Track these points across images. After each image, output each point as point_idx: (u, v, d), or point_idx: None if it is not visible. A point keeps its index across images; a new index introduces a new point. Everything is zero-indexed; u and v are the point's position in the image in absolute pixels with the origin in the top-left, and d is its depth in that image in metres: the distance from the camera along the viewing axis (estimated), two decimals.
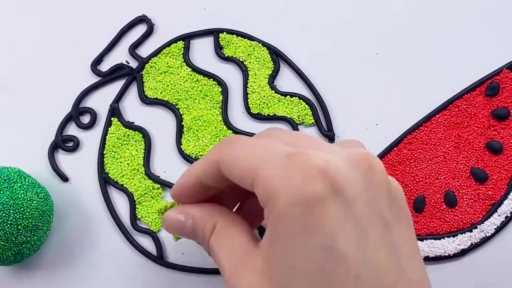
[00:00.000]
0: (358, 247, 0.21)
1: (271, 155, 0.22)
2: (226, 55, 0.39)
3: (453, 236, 0.35)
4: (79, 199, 0.36)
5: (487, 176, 0.36)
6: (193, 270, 0.35)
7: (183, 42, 0.39)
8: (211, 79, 0.38)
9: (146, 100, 0.38)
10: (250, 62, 0.38)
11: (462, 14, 0.40)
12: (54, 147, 0.37)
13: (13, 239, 0.31)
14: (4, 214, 0.30)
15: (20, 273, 0.36)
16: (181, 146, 0.37)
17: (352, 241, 0.21)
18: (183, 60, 0.38)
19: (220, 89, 0.38)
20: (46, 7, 0.40)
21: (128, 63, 0.39)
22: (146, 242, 0.35)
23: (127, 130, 0.37)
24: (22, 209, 0.31)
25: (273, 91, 0.38)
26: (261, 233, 0.28)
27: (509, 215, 0.36)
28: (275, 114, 0.37)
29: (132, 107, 0.38)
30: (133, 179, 0.36)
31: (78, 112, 0.38)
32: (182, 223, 0.26)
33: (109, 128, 0.37)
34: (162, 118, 0.38)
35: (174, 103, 0.38)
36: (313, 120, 0.37)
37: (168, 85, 0.38)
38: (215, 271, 0.34)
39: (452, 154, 0.37)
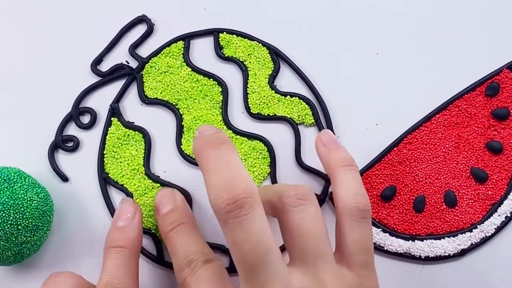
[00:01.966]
0: None
1: None
2: (226, 55, 0.39)
3: (453, 236, 0.35)
4: (79, 199, 0.36)
5: (487, 176, 0.36)
6: None
7: (183, 42, 0.39)
8: (211, 79, 0.38)
9: (146, 100, 0.38)
10: (250, 62, 0.38)
11: (462, 14, 0.40)
12: (54, 147, 0.37)
13: (13, 239, 0.31)
14: (4, 214, 0.31)
15: (20, 273, 0.36)
16: (181, 146, 0.37)
17: None
18: (183, 60, 0.38)
19: (220, 89, 0.38)
20: (46, 7, 0.40)
21: (128, 63, 0.39)
22: (146, 242, 0.36)
23: (127, 130, 0.37)
24: (22, 209, 0.31)
25: (273, 91, 0.38)
26: None
27: (509, 215, 0.36)
28: (275, 114, 0.37)
29: (132, 107, 0.38)
30: (133, 179, 0.36)
31: (78, 112, 0.38)
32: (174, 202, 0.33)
33: (109, 128, 0.37)
34: (162, 118, 0.38)
35: (174, 103, 0.38)
36: (313, 120, 0.37)
37: (168, 85, 0.38)
38: None
39: (452, 154, 0.37)
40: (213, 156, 0.27)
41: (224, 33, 0.39)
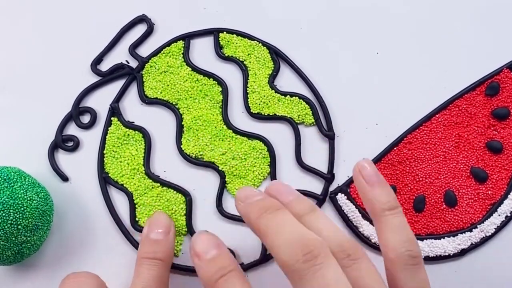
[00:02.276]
0: None
1: None
2: (226, 54, 0.39)
3: (453, 236, 0.35)
4: (79, 199, 0.36)
5: (487, 175, 0.36)
6: (192, 270, 0.35)
7: (183, 42, 0.39)
8: (211, 79, 0.38)
9: (146, 100, 0.38)
10: (250, 62, 0.38)
11: (462, 14, 0.40)
12: (54, 147, 0.37)
13: (13, 238, 0.31)
14: (4, 214, 0.30)
15: (20, 273, 0.35)
16: (181, 146, 0.37)
17: None
18: (183, 59, 0.39)
19: (220, 89, 0.38)
20: (46, 7, 0.40)
21: (128, 62, 0.39)
22: None
23: (127, 129, 0.37)
24: (22, 209, 0.31)
25: (273, 91, 0.38)
26: None
27: (509, 214, 0.36)
28: (275, 114, 0.37)
29: (132, 107, 0.38)
30: (133, 178, 0.36)
31: (78, 112, 0.38)
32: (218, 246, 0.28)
33: (109, 128, 0.37)
34: (162, 118, 0.38)
35: (174, 103, 0.38)
36: (313, 120, 0.37)
37: (168, 85, 0.38)
38: None
39: (452, 154, 0.37)
40: (273, 219, 0.27)
41: (224, 33, 0.39)
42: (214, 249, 0.28)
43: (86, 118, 0.38)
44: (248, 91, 0.38)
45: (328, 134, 0.37)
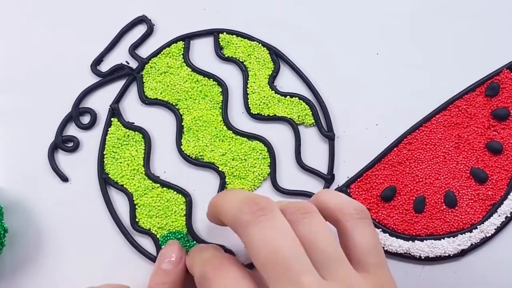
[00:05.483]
0: None
1: None
2: (226, 55, 0.39)
3: (453, 237, 0.35)
4: (79, 199, 0.36)
5: (487, 176, 0.36)
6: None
7: (183, 43, 0.39)
8: (211, 80, 0.38)
9: (146, 101, 0.38)
10: (250, 63, 0.38)
11: (462, 14, 0.40)
12: (54, 147, 0.37)
13: None
14: None
15: (21, 274, 0.36)
16: (181, 147, 0.37)
17: None
18: (183, 60, 0.38)
19: (220, 90, 0.38)
20: (46, 7, 0.40)
21: (128, 63, 0.39)
22: (146, 243, 0.36)
23: (127, 130, 0.37)
24: None
25: (273, 91, 0.38)
26: None
27: (509, 215, 0.36)
28: (275, 115, 0.37)
29: (132, 108, 0.38)
30: (133, 179, 0.36)
31: (78, 113, 0.38)
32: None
33: (109, 129, 0.37)
34: (162, 119, 0.38)
35: (174, 104, 0.38)
36: (313, 120, 0.37)
37: (168, 86, 0.38)
38: None
39: (452, 154, 0.37)
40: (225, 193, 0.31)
41: (224, 33, 0.39)
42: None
43: (86, 119, 0.38)
44: (248, 92, 0.38)
45: (328, 134, 0.37)
